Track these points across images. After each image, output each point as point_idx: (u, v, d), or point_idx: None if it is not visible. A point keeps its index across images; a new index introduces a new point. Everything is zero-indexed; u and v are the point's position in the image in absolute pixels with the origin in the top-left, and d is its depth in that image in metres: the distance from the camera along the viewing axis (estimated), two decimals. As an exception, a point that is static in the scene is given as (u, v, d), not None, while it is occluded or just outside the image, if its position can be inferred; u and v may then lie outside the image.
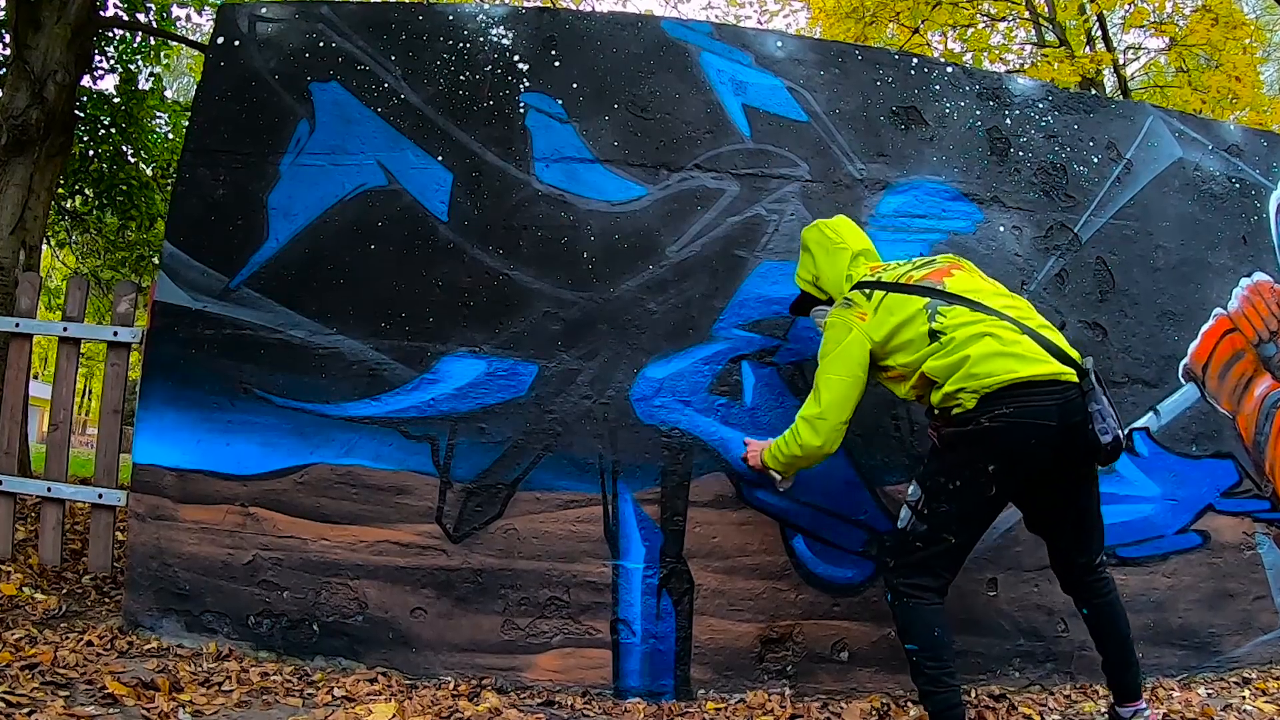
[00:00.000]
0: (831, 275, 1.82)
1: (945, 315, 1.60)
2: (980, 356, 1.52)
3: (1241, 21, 5.64)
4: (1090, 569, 1.64)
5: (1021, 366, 1.49)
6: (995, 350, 1.51)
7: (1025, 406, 1.48)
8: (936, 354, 1.59)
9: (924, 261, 1.76)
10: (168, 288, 2.07)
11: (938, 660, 1.52)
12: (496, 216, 2.09)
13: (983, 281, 1.70)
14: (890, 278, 1.72)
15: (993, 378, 1.50)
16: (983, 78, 2.42)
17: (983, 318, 1.57)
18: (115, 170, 5.12)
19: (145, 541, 1.99)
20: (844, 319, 1.70)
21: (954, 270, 1.70)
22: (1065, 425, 1.48)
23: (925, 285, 1.66)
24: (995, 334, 1.54)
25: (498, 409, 2.00)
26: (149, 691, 1.62)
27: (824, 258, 1.84)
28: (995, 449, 1.50)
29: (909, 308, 1.64)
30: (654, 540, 1.98)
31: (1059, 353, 1.53)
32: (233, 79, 2.17)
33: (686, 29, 2.25)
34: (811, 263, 1.87)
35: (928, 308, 1.62)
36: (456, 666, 1.92)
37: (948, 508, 1.54)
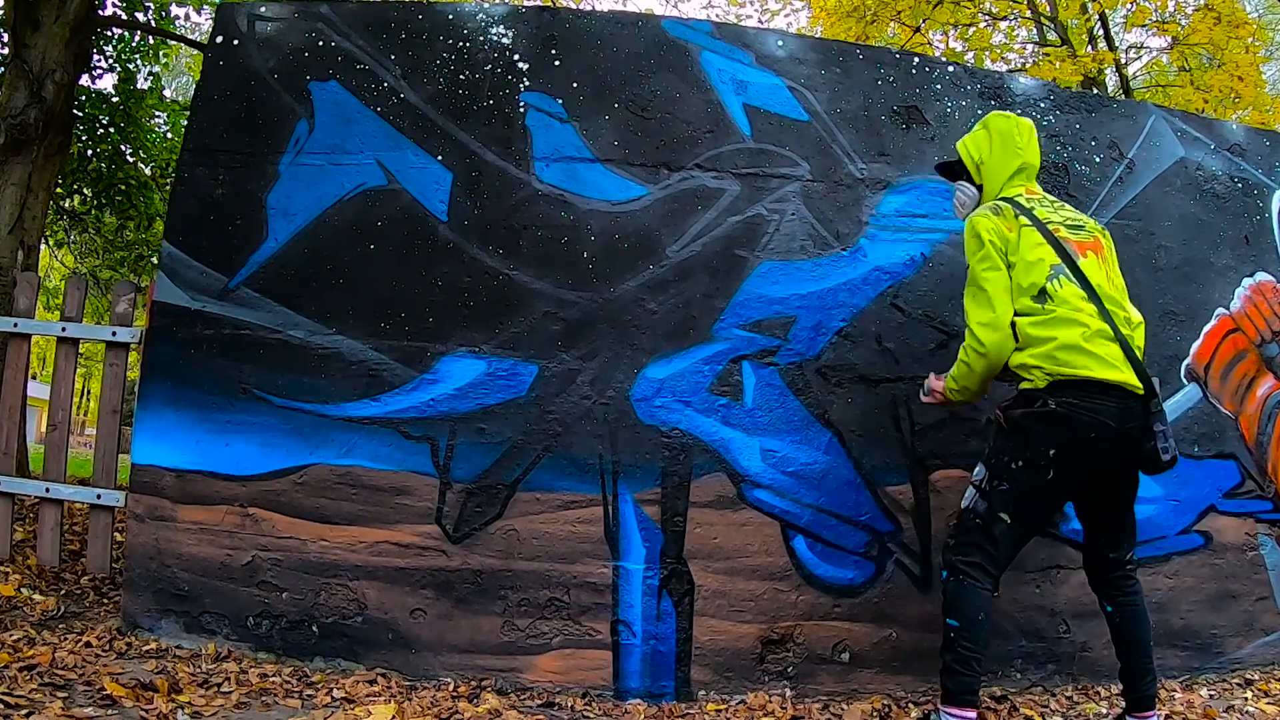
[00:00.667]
0: (996, 172, 1.81)
1: (1062, 286, 1.62)
2: (1066, 344, 1.57)
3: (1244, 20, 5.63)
4: (1120, 565, 1.68)
5: (1097, 367, 1.55)
6: (1082, 344, 1.56)
7: (1090, 403, 1.54)
8: (1034, 316, 1.63)
9: (1074, 218, 1.74)
10: (166, 288, 2.06)
11: (973, 642, 1.57)
12: (496, 216, 2.09)
13: (1110, 273, 1.70)
14: (1042, 214, 1.70)
15: (1069, 368, 1.56)
16: (984, 77, 2.42)
17: (1089, 309, 1.60)
18: (114, 170, 5.11)
19: (144, 542, 1.98)
20: (995, 225, 1.69)
21: (1091, 251, 1.68)
22: (1122, 430, 1.55)
23: (1066, 248, 1.65)
24: (1089, 329, 1.58)
25: (498, 409, 2.00)
26: (148, 693, 1.62)
27: (1000, 151, 1.81)
28: (1058, 433, 1.56)
29: (1040, 254, 1.65)
30: (654, 541, 1.98)
31: (1139, 366, 1.58)
32: (232, 78, 2.16)
33: (687, 28, 2.24)
34: (987, 147, 1.83)
35: (1055, 269, 1.63)
36: (456, 668, 1.92)
37: (1008, 486, 1.60)
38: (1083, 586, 2.12)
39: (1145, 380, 1.57)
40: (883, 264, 2.17)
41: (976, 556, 1.62)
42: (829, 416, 2.08)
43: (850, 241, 2.16)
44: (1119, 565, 1.68)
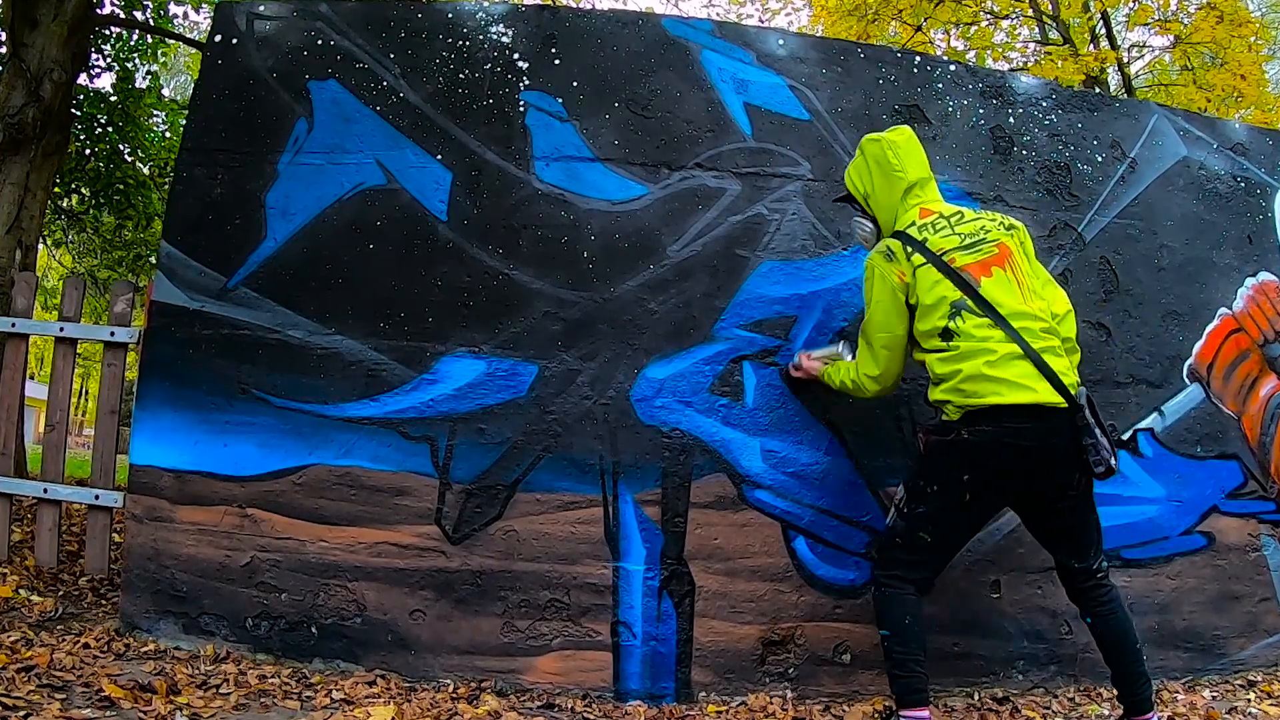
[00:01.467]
0: (884, 201, 1.76)
1: (964, 320, 1.60)
2: (971, 374, 1.56)
3: (1247, 19, 5.62)
4: (1088, 575, 1.65)
5: (1008, 392, 1.53)
6: (986, 372, 1.55)
7: (1005, 428, 1.53)
8: (941, 354, 1.63)
9: (973, 232, 1.66)
10: (165, 287, 2.05)
11: (904, 646, 1.60)
12: (496, 216, 2.08)
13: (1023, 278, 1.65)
14: (935, 243, 1.65)
15: (977, 398, 1.55)
16: (986, 76, 2.41)
17: (996, 334, 1.57)
18: (112, 169, 5.10)
19: (142, 543, 1.98)
20: (885, 273, 1.67)
21: (996, 266, 1.63)
22: (1046, 447, 1.54)
23: (964, 277, 1.62)
24: (995, 354, 1.55)
25: (497, 409, 1.99)
26: (146, 694, 1.61)
27: (880, 180, 1.75)
28: (971, 460, 1.57)
29: (939, 293, 1.62)
30: (655, 542, 1.97)
31: (1055, 380, 1.55)
32: (230, 77, 2.15)
33: (687, 27, 2.23)
34: (868, 178, 1.77)
35: (955, 305, 1.61)
36: (456, 669, 1.91)
37: (924, 509, 1.62)
38: (1084, 587, 2.13)
39: (1066, 394, 1.54)
40: (884, 264, 2.16)
41: (897, 570, 1.65)
42: (830, 417, 2.07)
43: (851, 241, 2.15)
44: (1088, 575, 1.65)
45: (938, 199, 1.78)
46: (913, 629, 1.61)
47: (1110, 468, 1.55)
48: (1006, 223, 1.71)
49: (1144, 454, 2.23)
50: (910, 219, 1.72)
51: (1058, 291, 1.72)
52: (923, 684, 1.60)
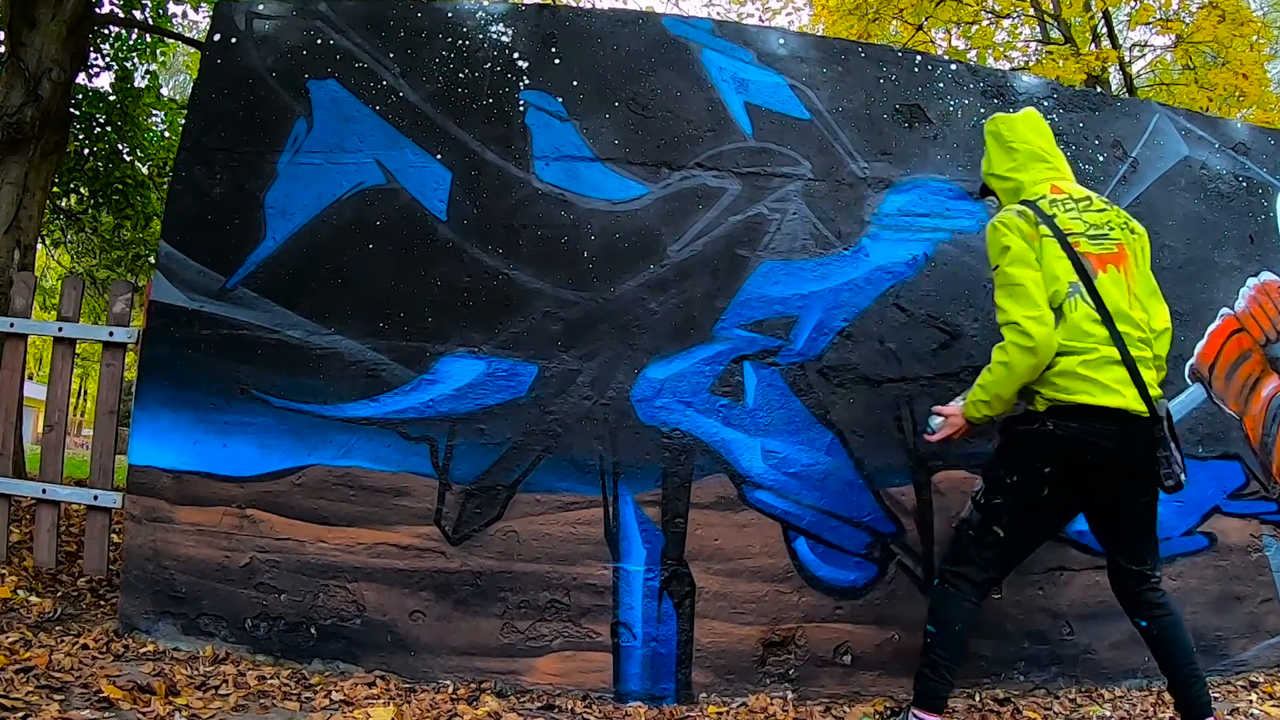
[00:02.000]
0: (1001, 172, 1.78)
1: (1075, 307, 1.59)
2: (1064, 370, 1.57)
3: (1249, 18, 5.60)
4: (1142, 579, 1.65)
5: (1097, 393, 1.54)
6: (1080, 371, 1.55)
7: (1090, 428, 1.55)
8: None
9: (1099, 225, 1.64)
10: (164, 287, 2.05)
11: (946, 650, 1.61)
12: (496, 215, 2.07)
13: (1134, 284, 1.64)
14: (1063, 222, 1.63)
15: (1066, 394, 1.56)
16: (987, 75, 2.40)
17: (1099, 332, 1.57)
18: (111, 169, 5.09)
19: (141, 544, 1.97)
20: (1020, 227, 1.63)
21: (1112, 265, 1.62)
22: (1125, 453, 1.55)
23: (1085, 264, 1.60)
24: (1093, 354, 1.56)
25: (497, 410, 1.99)
26: (145, 695, 1.61)
27: (998, 154, 1.80)
28: (1053, 452, 1.57)
29: (1058, 270, 1.60)
30: (655, 542, 1.96)
31: (1143, 389, 1.56)
32: (229, 76, 2.14)
33: (688, 26, 2.22)
34: (988, 158, 1.83)
35: (1071, 287, 1.59)
36: (455, 670, 1.91)
37: (1001, 501, 1.62)
38: (1086, 589, 2.13)
39: (1150, 404, 1.55)
40: (885, 263, 2.16)
41: (965, 568, 1.64)
42: (831, 417, 2.07)
43: (852, 241, 2.15)
44: (1143, 579, 1.65)
45: (1070, 178, 1.77)
46: (960, 636, 1.61)
47: (1179, 481, 1.56)
48: (1131, 225, 1.70)
49: (1146, 454, 2.22)
50: (1040, 193, 1.70)
51: (1161, 306, 1.70)
52: (946, 692, 1.61)
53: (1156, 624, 1.63)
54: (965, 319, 2.18)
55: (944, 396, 2.14)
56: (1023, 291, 1.59)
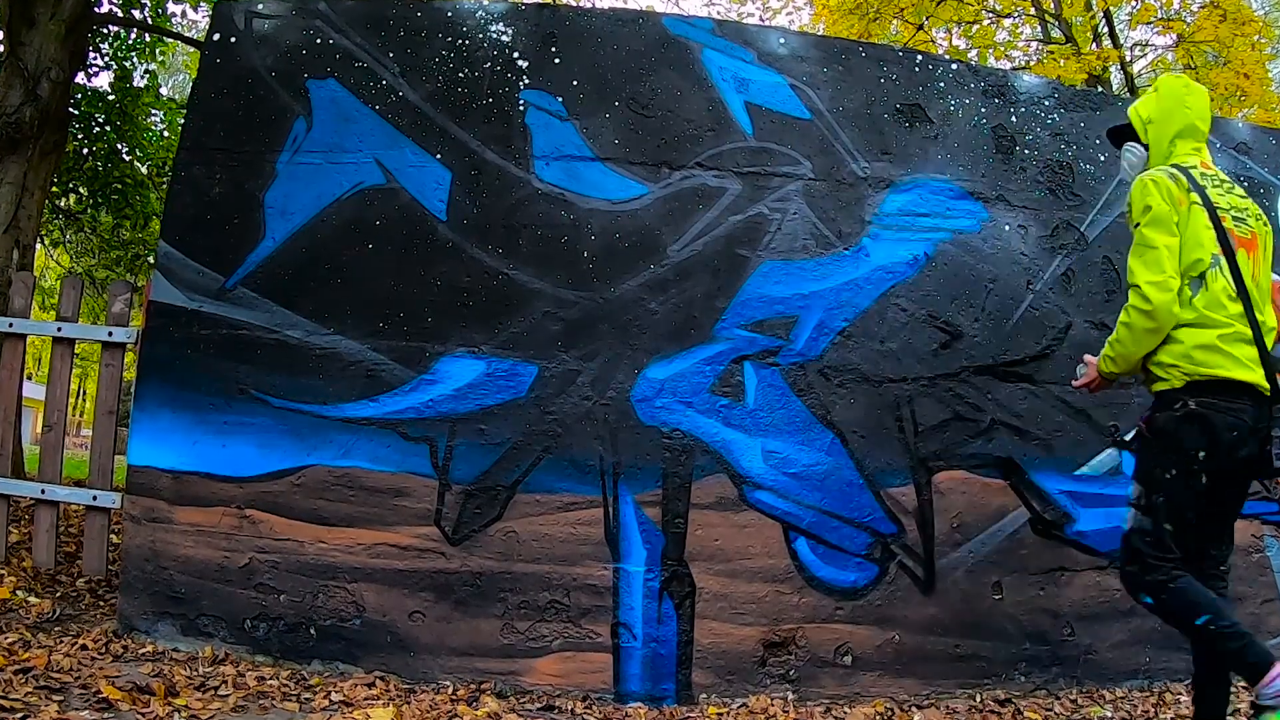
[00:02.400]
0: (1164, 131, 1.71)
1: (1216, 279, 1.56)
2: (1203, 344, 1.54)
3: (1250, 18, 5.59)
4: (1218, 563, 1.62)
5: (1233, 367, 1.53)
6: (1217, 344, 1.53)
7: (1227, 402, 1.52)
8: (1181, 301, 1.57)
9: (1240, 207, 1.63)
10: (163, 287, 2.04)
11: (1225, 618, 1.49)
12: (496, 215, 2.07)
13: (1259, 273, 1.63)
14: (1213, 195, 1.62)
15: (1205, 368, 1.53)
16: (988, 75, 2.40)
17: (1235, 308, 1.55)
18: (110, 168, 5.08)
19: (140, 544, 1.97)
20: (1170, 189, 1.59)
21: (1245, 249, 1.61)
22: (1253, 428, 1.53)
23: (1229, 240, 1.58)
24: (1230, 329, 1.54)
25: (497, 410, 1.98)
26: (144, 696, 1.60)
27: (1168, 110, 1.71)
28: (1203, 434, 1.53)
29: (1204, 238, 1.57)
30: (655, 543, 1.96)
31: (1268, 368, 1.55)
32: (229, 76, 2.14)
33: (688, 26, 2.22)
34: (1154, 107, 1.74)
35: (1214, 258, 1.57)
36: (455, 671, 1.90)
37: (1164, 498, 1.55)
38: (1087, 589, 2.12)
39: (1274, 383, 1.53)
40: (885, 263, 2.16)
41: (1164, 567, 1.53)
42: (831, 417, 2.06)
43: (853, 241, 2.14)
44: (1218, 563, 1.62)
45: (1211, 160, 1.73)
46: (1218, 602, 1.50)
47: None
48: (1264, 218, 1.69)
49: (1147, 454, 2.21)
50: (1193, 162, 1.67)
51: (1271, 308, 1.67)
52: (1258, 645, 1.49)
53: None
54: (966, 319, 2.18)
55: (945, 397, 2.14)
56: (1154, 256, 1.56)
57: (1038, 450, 2.15)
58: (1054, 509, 2.14)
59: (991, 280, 2.22)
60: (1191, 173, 1.64)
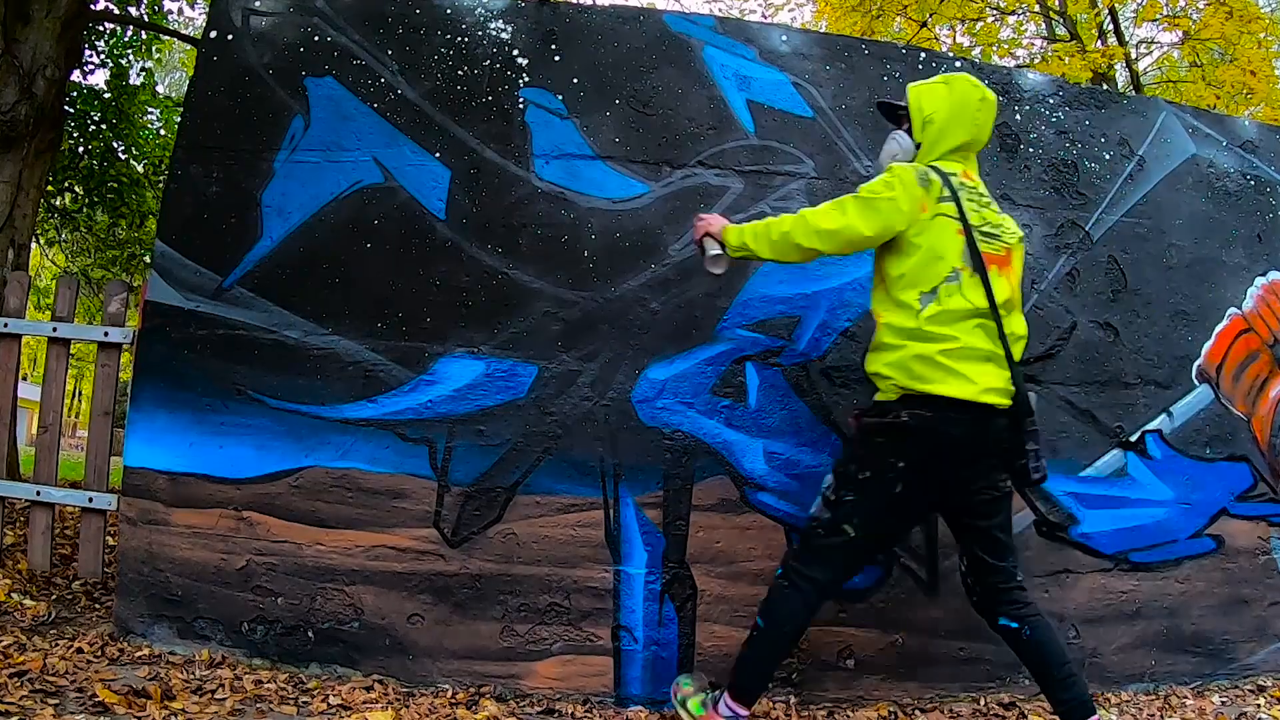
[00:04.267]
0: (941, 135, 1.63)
1: (951, 295, 1.52)
2: (924, 356, 1.50)
3: (1256, 15, 5.54)
4: (1010, 576, 1.59)
5: (954, 385, 1.48)
6: (936, 359, 1.50)
7: (945, 417, 1.49)
8: (906, 315, 1.54)
9: (994, 224, 1.59)
10: (159, 287, 2.02)
11: (773, 649, 1.58)
12: (495, 214, 2.05)
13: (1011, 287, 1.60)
14: (970, 207, 1.56)
15: (920, 384, 1.50)
16: (992, 72, 2.38)
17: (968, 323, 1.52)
18: (106, 167, 5.05)
19: (136, 546, 1.95)
20: (910, 187, 1.54)
21: (996, 265, 1.57)
22: (981, 445, 1.51)
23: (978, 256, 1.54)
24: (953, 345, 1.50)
25: (496, 411, 1.96)
26: (140, 699, 1.59)
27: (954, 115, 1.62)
28: (908, 447, 1.51)
29: (947, 251, 1.53)
30: (656, 545, 1.94)
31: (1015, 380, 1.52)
32: (226, 74, 2.12)
33: (689, 23, 2.20)
34: (943, 106, 1.63)
35: (954, 272, 1.52)
36: (454, 674, 1.89)
37: (853, 498, 1.55)
38: (1091, 592, 2.11)
39: (1018, 397, 1.51)
40: (889, 263, 2.13)
41: (812, 569, 1.57)
42: (834, 418, 2.04)
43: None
44: (1011, 576, 1.59)
45: (976, 170, 1.70)
46: (789, 638, 1.57)
47: (1044, 476, 1.53)
48: (1019, 233, 1.68)
49: (1152, 456, 2.20)
50: (954, 170, 1.61)
51: (1022, 320, 1.66)
52: (761, 687, 1.59)
53: (1029, 624, 1.55)
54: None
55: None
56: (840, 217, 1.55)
57: (1042, 451, 2.13)
58: (1058, 510, 2.12)
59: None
60: (950, 179, 1.58)
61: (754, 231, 1.65)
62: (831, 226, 1.56)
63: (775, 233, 1.61)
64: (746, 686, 1.57)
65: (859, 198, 1.57)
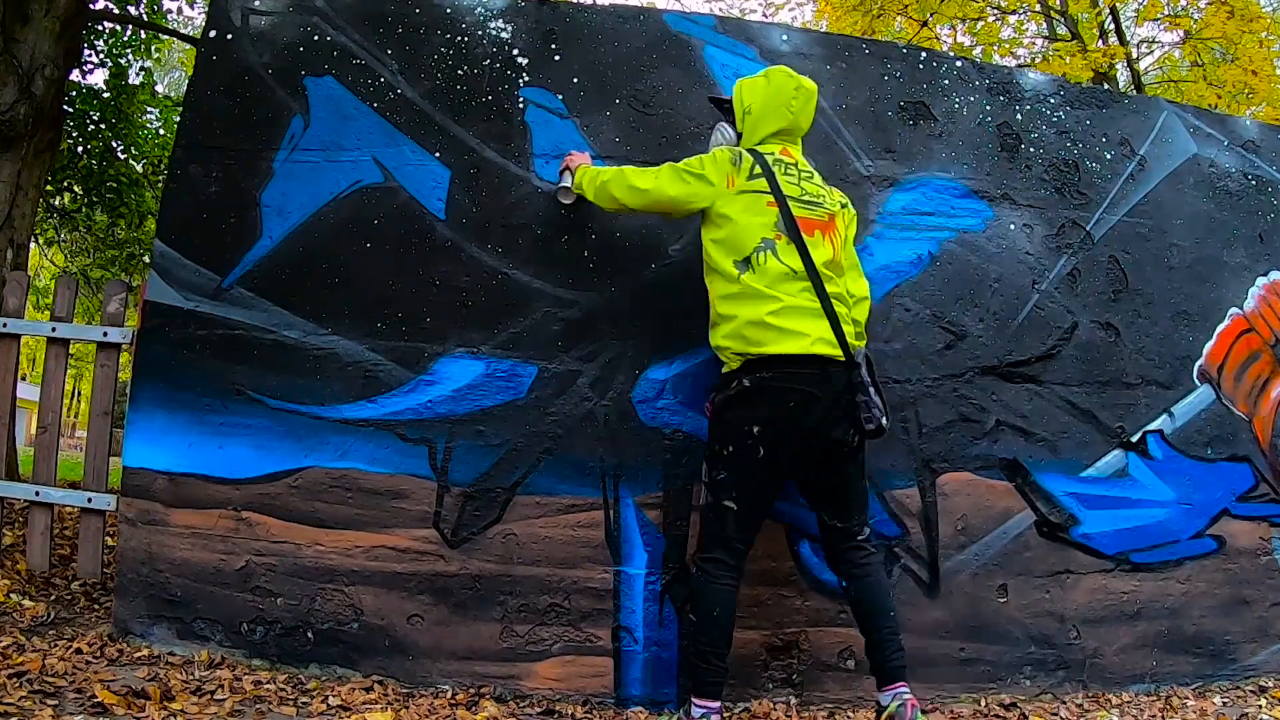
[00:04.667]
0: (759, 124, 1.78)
1: (766, 260, 1.64)
2: (752, 320, 1.62)
3: (1258, 14, 5.53)
4: (849, 537, 1.70)
5: (786, 342, 1.60)
6: (766, 320, 1.61)
7: (784, 373, 1.60)
8: (729, 283, 1.67)
9: (816, 194, 1.73)
10: (159, 287, 2.02)
11: (708, 636, 1.63)
12: (495, 214, 2.04)
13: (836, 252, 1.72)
14: (784, 180, 1.70)
15: (757, 346, 1.62)
16: (993, 72, 2.37)
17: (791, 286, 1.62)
18: (105, 167, 5.04)
19: (135, 547, 1.94)
20: (721, 165, 1.71)
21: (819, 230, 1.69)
22: (824, 397, 1.61)
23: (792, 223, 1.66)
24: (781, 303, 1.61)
25: (496, 411, 1.96)
26: (140, 700, 1.58)
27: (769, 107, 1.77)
28: (756, 410, 1.62)
29: (759, 222, 1.66)
30: (656, 545, 1.94)
31: (839, 335, 1.63)
32: (225, 73, 2.11)
33: (690, 22, 2.20)
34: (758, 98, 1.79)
35: (765, 242, 1.65)
36: (454, 675, 1.88)
37: (725, 475, 1.65)
38: (1093, 592, 2.11)
39: (845, 349, 1.62)
40: (889, 263, 2.13)
41: (715, 551, 1.66)
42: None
43: (857, 240, 2.11)
44: (849, 537, 1.70)
45: (799, 150, 1.82)
46: (720, 622, 1.63)
47: (881, 426, 1.63)
48: (843, 200, 1.81)
49: (1154, 456, 2.20)
50: (772, 150, 1.75)
51: (861, 280, 1.83)
52: (719, 677, 1.63)
53: (858, 583, 1.67)
54: (971, 319, 2.16)
55: (949, 398, 2.12)
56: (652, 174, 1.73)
57: (1043, 452, 2.13)
58: (1060, 511, 2.12)
59: (996, 280, 2.19)
60: (765, 158, 1.72)
61: (591, 175, 1.82)
62: (643, 186, 1.73)
63: (600, 180, 1.79)
64: (705, 679, 1.63)
65: (674, 166, 1.74)
